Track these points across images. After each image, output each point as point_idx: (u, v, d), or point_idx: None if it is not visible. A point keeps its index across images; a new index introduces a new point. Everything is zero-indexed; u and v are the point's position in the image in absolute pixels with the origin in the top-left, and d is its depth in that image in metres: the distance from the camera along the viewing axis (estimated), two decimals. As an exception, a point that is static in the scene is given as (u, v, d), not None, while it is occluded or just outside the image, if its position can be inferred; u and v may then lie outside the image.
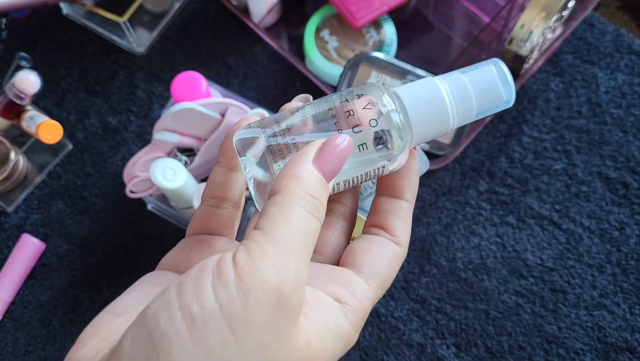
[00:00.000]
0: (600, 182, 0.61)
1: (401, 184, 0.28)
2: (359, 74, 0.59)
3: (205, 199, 0.30)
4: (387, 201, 0.29)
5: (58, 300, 0.60)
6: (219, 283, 0.21)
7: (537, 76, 0.65)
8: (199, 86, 0.57)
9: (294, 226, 0.22)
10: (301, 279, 0.22)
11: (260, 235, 0.22)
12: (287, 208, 0.23)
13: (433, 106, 0.26)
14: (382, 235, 0.28)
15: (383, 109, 0.26)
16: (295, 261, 0.22)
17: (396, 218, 0.28)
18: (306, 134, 0.26)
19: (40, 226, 0.63)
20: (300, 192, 0.23)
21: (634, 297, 0.57)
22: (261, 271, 0.21)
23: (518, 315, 0.57)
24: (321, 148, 0.25)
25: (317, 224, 0.24)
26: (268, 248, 0.22)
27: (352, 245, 0.28)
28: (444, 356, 0.56)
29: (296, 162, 0.24)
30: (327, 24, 0.66)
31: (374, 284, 0.27)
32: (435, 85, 0.26)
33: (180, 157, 0.59)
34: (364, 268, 0.27)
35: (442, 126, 0.26)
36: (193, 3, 0.71)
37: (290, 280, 0.21)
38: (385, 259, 0.27)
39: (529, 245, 0.60)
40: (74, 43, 0.70)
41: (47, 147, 0.65)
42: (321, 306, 0.24)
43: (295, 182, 0.23)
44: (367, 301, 0.26)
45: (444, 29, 0.68)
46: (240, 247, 0.22)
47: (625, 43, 0.66)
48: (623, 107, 0.64)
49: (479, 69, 0.27)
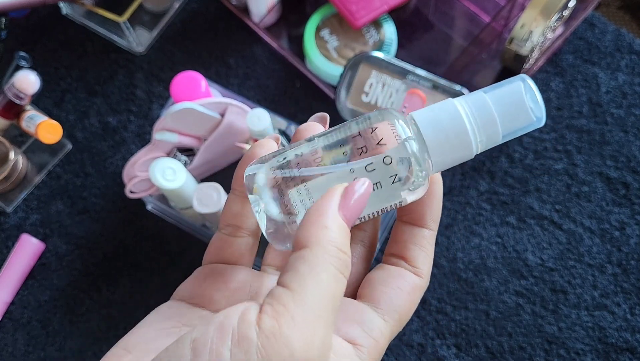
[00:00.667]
0: (601, 182, 0.61)
1: (422, 211, 0.27)
2: (359, 73, 0.59)
3: (221, 227, 0.28)
4: (407, 229, 0.27)
5: (58, 300, 0.60)
6: (239, 350, 0.19)
7: (538, 75, 0.65)
8: (198, 86, 0.57)
9: (324, 289, 0.21)
10: (327, 348, 0.21)
11: (288, 297, 0.20)
12: (317, 267, 0.21)
13: (452, 130, 0.24)
14: (402, 266, 0.27)
15: (398, 139, 0.24)
16: (322, 328, 0.20)
17: (417, 247, 0.27)
18: (318, 171, 0.24)
19: (39, 226, 0.63)
20: (332, 248, 0.22)
21: (635, 297, 0.57)
22: (287, 342, 0.19)
23: (518, 315, 0.57)
24: (344, 195, 0.23)
25: (345, 284, 0.22)
26: (296, 314, 0.20)
27: (370, 276, 0.27)
28: (445, 356, 0.56)
29: (322, 210, 0.22)
30: (327, 23, 0.66)
31: (391, 321, 0.26)
32: (454, 107, 0.24)
33: (180, 157, 0.59)
34: (381, 303, 0.26)
35: (463, 151, 0.24)
36: (193, 3, 0.71)
37: (316, 352, 0.20)
38: (404, 293, 0.26)
39: (529, 245, 0.60)
40: (73, 43, 0.70)
41: (47, 147, 0.65)
42: (338, 355, 0.23)
43: (325, 235, 0.22)
44: (384, 340, 0.25)
45: (444, 29, 0.68)
46: (266, 308, 0.20)
47: (626, 43, 0.66)
48: (623, 107, 0.64)
49: (503, 87, 0.25)
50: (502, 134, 0.24)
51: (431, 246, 0.27)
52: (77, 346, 0.58)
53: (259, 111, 0.55)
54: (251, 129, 0.55)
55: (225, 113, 0.58)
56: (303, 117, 0.65)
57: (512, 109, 0.24)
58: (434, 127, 0.24)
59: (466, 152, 0.24)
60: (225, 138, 0.58)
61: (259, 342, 0.19)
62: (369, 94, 0.59)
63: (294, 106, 0.66)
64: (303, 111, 0.65)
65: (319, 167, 0.24)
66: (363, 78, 0.59)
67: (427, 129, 0.24)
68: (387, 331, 0.25)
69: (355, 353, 0.24)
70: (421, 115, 0.25)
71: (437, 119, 0.24)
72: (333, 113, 0.61)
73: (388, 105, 0.59)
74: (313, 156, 0.24)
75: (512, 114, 0.24)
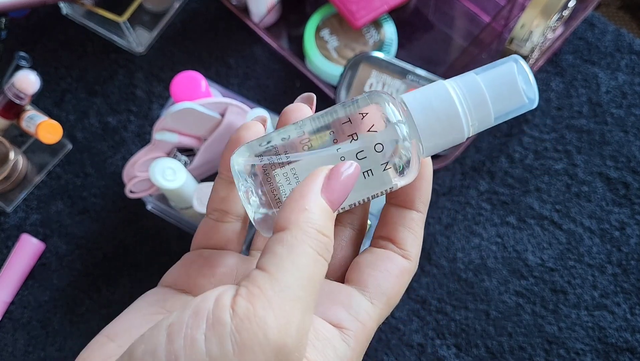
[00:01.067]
0: (601, 182, 0.61)
1: (412, 193, 0.26)
2: (359, 73, 0.59)
3: (208, 212, 0.28)
4: (396, 211, 0.27)
5: (58, 300, 0.60)
6: (213, 333, 0.19)
7: (538, 75, 0.65)
8: (198, 86, 0.57)
9: (302, 271, 0.20)
10: (304, 331, 0.20)
11: (265, 279, 0.20)
12: (296, 249, 0.21)
13: (443, 113, 0.23)
14: (391, 248, 0.26)
15: (388, 123, 0.23)
16: (300, 311, 0.20)
17: (406, 229, 0.26)
18: (306, 156, 0.24)
19: (39, 226, 0.63)
20: (311, 230, 0.21)
21: (635, 297, 0.57)
22: (261, 325, 0.19)
23: (518, 315, 0.57)
24: (328, 176, 0.22)
25: (325, 266, 0.22)
26: (272, 297, 0.19)
27: (358, 260, 0.27)
28: (445, 356, 0.56)
29: (303, 192, 0.22)
30: (327, 23, 0.66)
31: (379, 304, 0.25)
32: (445, 89, 0.24)
33: (180, 157, 0.59)
34: (368, 286, 0.25)
35: (455, 133, 0.24)
36: (193, 3, 0.71)
37: (292, 335, 0.19)
38: (392, 276, 0.26)
39: (529, 245, 0.60)
40: (73, 43, 0.70)
41: (47, 147, 0.65)
42: (320, 339, 0.23)
43: (305, 217, 0.21)
44: (371, 323, 0.25)
45: (444, 29, 0.68)
46: (241, 290, 0.20)
47: (626, 43, 0.66)
48: (624, 107, 0.64)
49: (495, 68, 0.24)
50: (494, 116, 0.24)
51: (420, 229, 0.27)
52: (77, 346, 0.58)
53: (259, 111, 0.55)
54: (251, 129, 0.55)
55: (225, 113, 0.58)
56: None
57: (504, 91, 0.24)
58: (425, 110, 0.23)
59: (458, 135, 0.24)
60: (225, 138, 0.58)
61: (233, 325, 0.19)
62: (369, 94, 0.59)
63: (294, 106, 0.66)
64: (303, 111, 0.65)
65: (306, 151, 0.24)
66: (363, 78, 0.59)
67: (417, 111, 0.23)
68: (374, 314, 0.25)
69: (341, 336, 0.24)
70: (411, 97, 0.24)
71: (428, 102, 0.24)
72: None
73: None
74: (300, 142, 0.24)
75: (504, 95, 0.24)
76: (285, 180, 0.24)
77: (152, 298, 0.27)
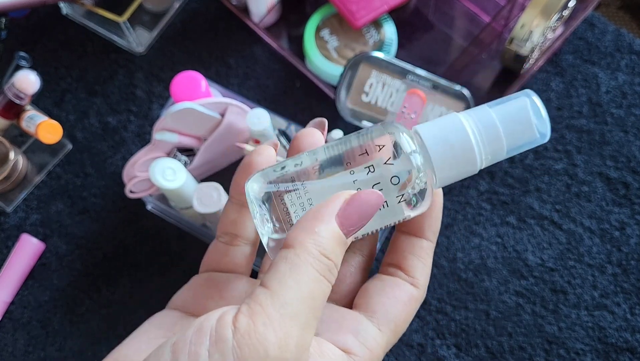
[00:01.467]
0: (601, 182, 0.61)
1: (423, 222, 0.27)
2: (359, 73, 0.59)
3: (218, 235, 0.28)
4: (406, 239, 0.27)
5: (58, 300, 0.60)
6: (216, 350, 0.19)
7: (538, 75, 0.65)
8: (198, 86, 0.57)
9: (303, 289, 0.21)
10: (304, 347, 0.21)
11: (266, 296, 0.20)
12: (298, 269, 0.21)
13: (458, 145, 0.24)
14: (399, 276, 0.26)
15: (402, 153, 0.23)
16: (299, 328, 0.20)
17: (415, 257, 0.27)
18: (320, 184, 0.24)
19: (39, 226, 0.63)
20: (315, 251, 0.21)
21: (635, 297, 0.57)
22: (262, 341, 0.19)
23: (518, 315, 0.57)
24: (348, 202, 0.22)
25: (328, 287, 0.22)
26: (273, 314, 0.20)
27: (367, 286, 0.27)
28: (445, 356, 0.56)
29: (317, 215, 0.22)
30: (327, 23, 0.66)
31: (387, 331, 0.25)
32: (459, 121, 0.24)
33: (180, 157, 0.59)
34: (377, 313, 0.25)
35: (468, 166, 0.24)
36: (193, 3, 0.71)
37: (292, 350, 0.20)
38: (400, 303, 0.26)
39: (529, 245, 0.60)
40: (73, 43, 0.70)
41: (47, 147, 0.65)
42: (327, 360, 0.23)
43: (312, 239, 0.22)
44: (379, 350, 0.25)
45: (444, 29, 0.68)
46: (243, 308, 0.20)
47: (626, 43, 0.66)
48: (624, 107, 0.64)
49: (508, 102, 0.24)
50: (506, 149, 0.24)
51: (429, 257, 0.27)
52: (77, 346, 0.58)
53: (259, 111, 0.55)
54: (251, 129, 0.55)
55: (225, 113, 0.58)
56: (303, 117, 0.65)
57: (518, 126, 0.24)
58: (439, 142, 0.24)
59: (470, 168, 0.24)
60: (225, 138, 0.58)
61: (235, 341, 0.19)
62: (369, 94, 0.59)
63: (294, 106, 0.66)
64: (303, 111, 0.65)
65: (322, 180, 0.24)
66: (363, 78, 0.59)
67: (432, 143, 0.24)
68: (382, 341, 0.25)
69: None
70: (426, 129, 0.24)
71: (442, 134, 0.24)
72: (333, 113, 0.61)
73: (388, 105, 0.59)
74: (314, 169, 0.24)
75: (517, 130, 0.24)
76: (300, 207, 0.24)
77: (160, 320, 0.27)
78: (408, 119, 0.58)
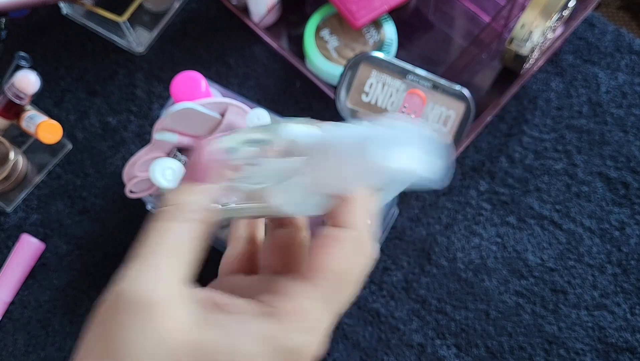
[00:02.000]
0: (601, 182, 0.61)
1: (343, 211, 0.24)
2: (359, 73, 0.59)
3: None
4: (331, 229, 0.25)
5: (58, 300, 0.60)
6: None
7: (538, 75, 0.65)
8: (198, 86, 0.57)
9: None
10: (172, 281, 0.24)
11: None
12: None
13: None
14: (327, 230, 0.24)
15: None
16: (166, 266, 0.25)
17: (343, 209, 0.24)
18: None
19: (39, 226, 0.63)
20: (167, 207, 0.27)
21: (635, 297, 0.57)
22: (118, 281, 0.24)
23: (518, 315, 0.57)
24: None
25: (183, 227, 0.26)
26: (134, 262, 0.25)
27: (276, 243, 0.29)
28: (445, 356, 0.56)
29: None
30: (327, 23, 0.66)
31: (316, 279, 0.22)
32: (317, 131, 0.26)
33: (180, 157, 0.59)
34: (301, 268, 0.23)
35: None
36: (193, 3, 0.71)
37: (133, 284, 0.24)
38: (331, 249, 0.23)
39: (529, 245, 0.60)
40: (73, 43, 0.70)
41: (47, 147, 0.65)
42: (233, 307, 0.23)
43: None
44: (303, 298, 0.22)
45: (444, 29, 0.68)
46: None
47: (626, 43, 0.66)
48: (623, 107, 0.64)
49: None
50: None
51: (361, 207, 0.24)
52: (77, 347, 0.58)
53: (259, 111, 0.55)
54: (251, 129, 0.55)
55: (225, 113, 0.58)
56: (303, 117, 0.64)
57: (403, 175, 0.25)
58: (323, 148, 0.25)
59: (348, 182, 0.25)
60: (225, 138, 0.58)
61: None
62: (369, 94, 0.59)
63: (294, 106, 0.66)
64: (303, 111, 0.65)
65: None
66: (363, 78, 0.59)
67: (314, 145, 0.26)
68: (316, 294, 0.22)
69: (262, 313, 0.22)
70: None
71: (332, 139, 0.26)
72: (333, 113, 0.61)
73: (388, 105, 0.59)
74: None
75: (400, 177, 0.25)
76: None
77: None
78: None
